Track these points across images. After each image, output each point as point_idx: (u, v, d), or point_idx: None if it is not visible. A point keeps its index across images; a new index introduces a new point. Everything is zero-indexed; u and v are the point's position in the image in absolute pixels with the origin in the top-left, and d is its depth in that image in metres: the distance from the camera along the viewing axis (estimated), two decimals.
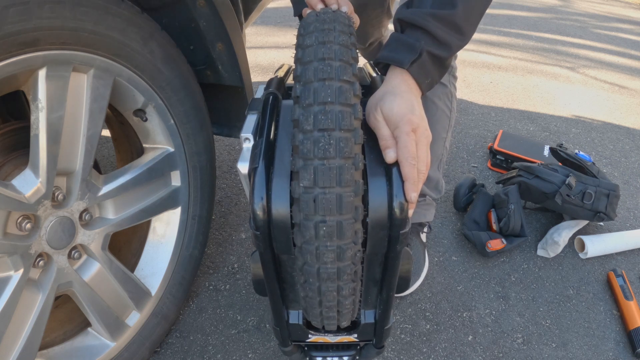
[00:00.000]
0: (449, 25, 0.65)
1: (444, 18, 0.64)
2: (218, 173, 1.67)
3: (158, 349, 1.09)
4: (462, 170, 1.79)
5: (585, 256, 1.41)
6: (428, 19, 0.64)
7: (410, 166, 0.55)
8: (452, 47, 0.66)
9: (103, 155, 1.69)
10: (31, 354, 0.78)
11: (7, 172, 0.76)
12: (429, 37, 0.65)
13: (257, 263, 0.61)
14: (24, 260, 0.73)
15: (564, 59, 3.01)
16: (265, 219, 0.54)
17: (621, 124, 2.26)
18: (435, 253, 1.40)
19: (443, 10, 0.64)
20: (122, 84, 0.80)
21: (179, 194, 1.00)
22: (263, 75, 2.43)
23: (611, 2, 4.94)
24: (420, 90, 0.66)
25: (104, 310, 0.90)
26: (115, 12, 0.74)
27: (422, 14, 0.64)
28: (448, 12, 0.64)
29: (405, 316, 1.20)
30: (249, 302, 1.21)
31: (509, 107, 2.32)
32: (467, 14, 0.66)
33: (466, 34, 0.67)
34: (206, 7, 0.87)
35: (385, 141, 0.58)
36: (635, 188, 1.78)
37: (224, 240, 1.40)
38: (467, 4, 0.65)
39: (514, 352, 1.13)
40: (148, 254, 1.03)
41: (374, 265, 0.62)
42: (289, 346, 0.74)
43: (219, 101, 1.10)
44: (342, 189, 0.49)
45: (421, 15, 0.64)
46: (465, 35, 0.67)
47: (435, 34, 0.64)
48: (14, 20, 0.60)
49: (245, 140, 0.63)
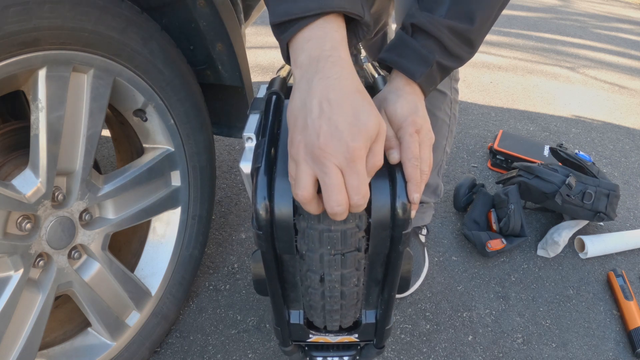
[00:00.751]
0: (463, 40, 0.62)
1: (460, 33, 0.61)
2: (218, 173, 1.67)
3: (158, 349, 1.09)
4: (462, 170, 1.79)
5: (585, 256, 1.41)
6: (443, 31, 0.61)
7: (413, 167, 0.55)
8: (462, 60, 0.64)
9: (103, 155, 1.69)
10: (31, 354, 0.78)
11: (7, 172, 0.75)
12: (441, 48, 0.62)
13: (259, 263, 0.61)
14: (24, 260, 0.73)
15: (564, 59, 3.01)
16: (268, 218, 0.53)
17: (621, 124, 2.26)
18: (435, 253, 1.40)
19: (461, 24, 0.61)
20: (122, 84, 0.80)
21: (179, 194, 1.00)
22: (263, 75, 2.43)
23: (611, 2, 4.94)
24: (424, 94, 0.66)
25: (104, 310, 0.90)
26: (115, 12, 0.74)
27: (438, 24, 0.61)
28: (466, 27, 0.61)
29: (405, 316, 1.20)
30: (249, 302, 1.21)
31: (509, 107, 2.32)
32: (483, 29, 0.63)
33: (476, 47, 0.65)
34: (206, 7, 0.87)
35: (389, 142, 0.58)
36: (635, 188, 1.78)
37: (224, 240, 1.39)
38: (485, 19, 0.62)
39: (514, 352, 1.13)
40: (148, 254, 1.03)
41: (376, 265, 0.62)
42: (289, 346, 0.74)
43: (219, 101, 1.10)
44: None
45: (437, 25, 0.61)
46: (475, 48, 0.65)
47: (447, 46, 0.62)
48: (14, 20, 0.60)
49: (247, 139, 0.62)
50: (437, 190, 1.31)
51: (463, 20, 0.61)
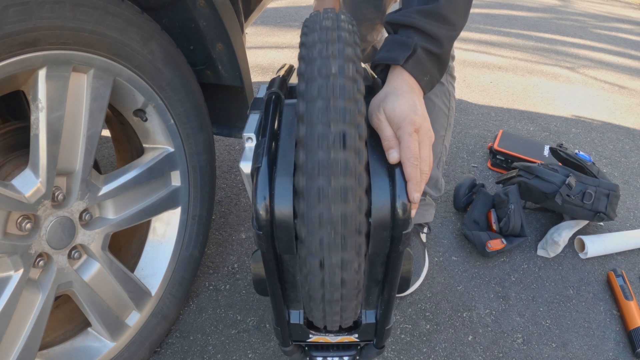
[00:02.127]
0: (435, 18, 0.66)
1: (429, 12, 0.66)
2: (218, 173, 1.67)
3: (158, 349, 1.09)
4: (462, 170, 1.79)
5: (585, 256, 1.41)
6: (414, 16, 0.66)
7: (413, 166, 0.55)
8: (442, 39, 0.67)
9: (103, 155, 1.69)
10: (31, 354, 0.78)
11: (7, 172, 0.75)
12: (419, 33, 0.66)
13: (259, 262, 0.61)
14: (24, 260, 0.73)
15: (564, 59, 3.01)
16: (268, 218, 0.53)
17: (621, 124, 2.26)
18: (435, 253, 1.40)
19: (427, 4, 0.66)
20: (122, 84, 0.80)
21: (179, 194, 1.00)
22: (263, 75, 2.43)
23: (611, 2, 4.94)
24: (422, 90, 0.66)
25: (104, 310, 0.90)
26: (115, 12, 0.74)
27: (408, 13, 0.66)
28: (431, 5, 0.66)
29: (405, 316, 1.20)
30: (249, 302, 1.21)
31: (509, 107, 2.32)
32: (452, 3, 0.67)
33: (455, 24, 0.69)
34: (206, 7, 0.87)
35: (388, 142, 0.58)
36: (635, 188, 1.78)
37: (224, 240, 1.39)
38: None
39: (514, 352, 1.13)
40: (148, 254, 1.03)
41: (376, 265, 0.62)
42: (289, 346, 0.74)
43: (219, 101, 1.10)
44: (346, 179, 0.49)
45: (407, 14, 0.66)
46: (454, 25, 0.68)
47: (424, 29, 0.65)
48: (14, 20, 0.60)
49: (247, 139, 0.62)
50: (437, 184, 1.31)
51: (429, 1, 0.66)
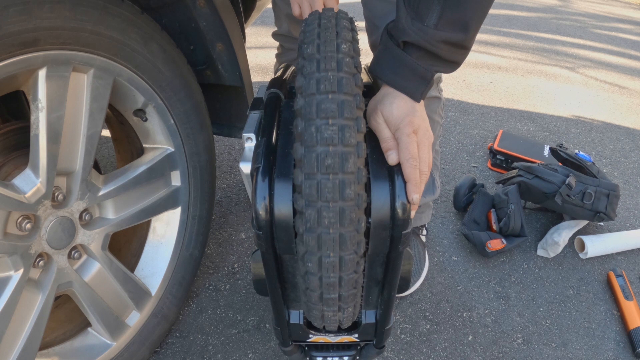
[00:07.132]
0: (458, 47, 0.61)
1: (456, 44, 0.60)
2: (218, 173, 1.67)
3: (158, 349, 1.09)
4: (462, 170, 1.79)
5: (585, 256, 1.41)
6: (439, 46, 0.59)
7: (411, 167, 0.55)
8: (459, 63, 0.63)
9: (103, 155, 1.69)
10: (31, 354, 0.78)
11: (7, 172, 0.75)
12: (438, 60, 0.61)
13: (259, 263, 0.61)
14: (24, 260, 0.73)
15: (564, 59, 3.01)
16: (268, 218, 0.53)
17: (621, 124, 2.26)
18: (435, 253, 1.40)
19: (456, 35, 0.59)
20: (122, 84, 0.80)
21: (179, 194, 1.00)
22: (263, 75, 2.43)
23: (611, 2, 4.94)
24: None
25: (104, 310, 0.90)
26: (115, 12, 0.74)
27: (432, 40, 0.58)
28: (461, 38, 0.59)
29: (405, 316, 1.20)
30: (249, 302, 1.21)
31: (509, 107, 2.32)
32: (476, 33, 0.62)
33: (470, 48, 0.64)
34: (206, 7, 0.87)
35: (387, 143, 0.58)
36: (635, 188, 1.78)
37: (224, 240, 1.39)
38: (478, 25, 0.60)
39: (514, 352, 1.13)
40: (148, 254, 1.03)
41: (376, 265, 0.62)
42: (289, 346, 0.74)
43: (219, 101, 1.10)
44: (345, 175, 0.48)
45: (431, 41, 0.59)
46: (469, 49, 0.64)
47: (444, 57, 0.60)
48: (14, 20, 0.60)
49: (247, 139, 0.63)
50: (431, 188, 1.31)
51: (457, 29, 0.58)
